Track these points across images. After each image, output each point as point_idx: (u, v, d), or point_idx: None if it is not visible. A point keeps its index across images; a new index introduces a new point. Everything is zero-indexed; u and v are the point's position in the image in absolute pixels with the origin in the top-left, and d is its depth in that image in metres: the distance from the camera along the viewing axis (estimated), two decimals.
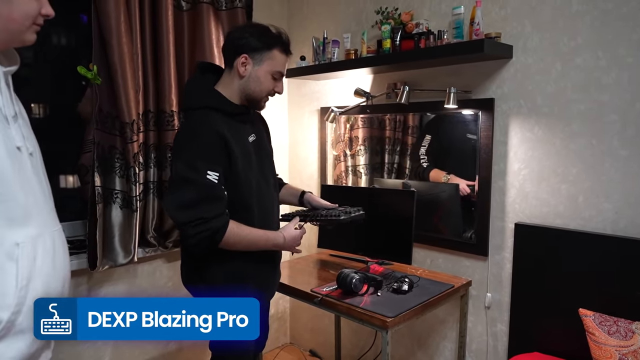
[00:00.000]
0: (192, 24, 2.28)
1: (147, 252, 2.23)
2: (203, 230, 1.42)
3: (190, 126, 1.51)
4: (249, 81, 1.54)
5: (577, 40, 1.77)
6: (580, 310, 1.69)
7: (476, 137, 2.08)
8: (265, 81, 1.55)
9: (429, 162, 2.35)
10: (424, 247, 2.30)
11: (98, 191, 1.98)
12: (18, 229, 1.01)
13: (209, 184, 1.43)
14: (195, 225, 1.41)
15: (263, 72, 1.54)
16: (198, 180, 1.42)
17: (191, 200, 1.42)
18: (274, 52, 1.54)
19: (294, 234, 1.64)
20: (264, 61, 1.54)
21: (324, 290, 1.93)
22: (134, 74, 2.02)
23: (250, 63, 1.53)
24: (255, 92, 1.56)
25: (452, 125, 2.22)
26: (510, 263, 2.00)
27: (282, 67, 1.58)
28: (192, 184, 1.42)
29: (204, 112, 1.51)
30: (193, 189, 1.42)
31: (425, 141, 2.36)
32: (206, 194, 1.43)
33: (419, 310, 1.79)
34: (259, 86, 1.55)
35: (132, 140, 2.02)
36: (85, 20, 2.31)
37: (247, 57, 1.52)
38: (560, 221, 1.86)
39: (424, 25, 2.11)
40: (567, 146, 1.82)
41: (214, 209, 1.44)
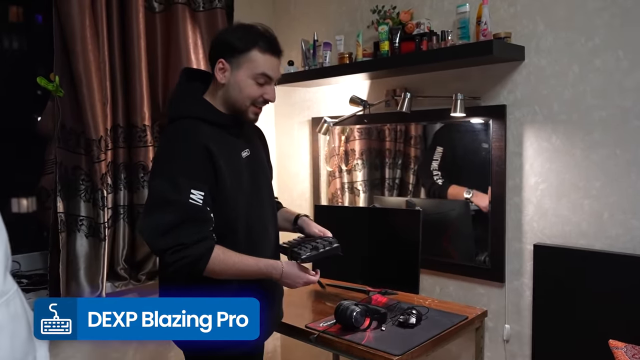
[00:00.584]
0: (166, 27, 2.32)
1: (117, 287, 2.22)
2: (183, 257, 1.41)
3: (173, 138, 1.52)
4: (229, 88, 1.53)
5: (595, 40, 1.82)
6: (610, 342, 1.71)
7: (488, 146, 2.12)
8: (247, 87, 1.52)
9: (443, 178, 2.37)
10: (432, 274, 2.31)
11: (61, 218, 1.98)
12: None
13: (192, 206, 1.42)
14: (174, 252, 1.40)
15: (242, 76, 1.51)
16: (179, 200, 1.41)
17: (170, 224, 1.41)
18: (253, 53, 1.50)
19: (295, 274, 1.61)
20: (242, 64, 1.51)
21: (320, 325, 1.93)
22: (101, 85, 2.04)
23: (228, 69, 1.51)
24: (237, 101, 1.53)
25: (466, 135, 2.25)
26: (530, 290, 2.02)
27: (268, 69, 1.52)
28: (171, 205, 1.42)
29: (190, 122, 1.51)
30: (172, 211, 1.41)
31: (437, 154, 2.39)
32: (188, 217, 1.42)
33: (429, 346, 1.79)
34: (240, 94, 1.52)
35: (100, 159, 2.03)
36: (40, 21, 2.32)
37: (223, 61, 1.51)
38: (584, 241, 1.89)
39: (425, 25, 2.16)
40: (588, 157, 1.86)
41: (195, 234, 1.43)
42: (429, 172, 2.42)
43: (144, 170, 2.21)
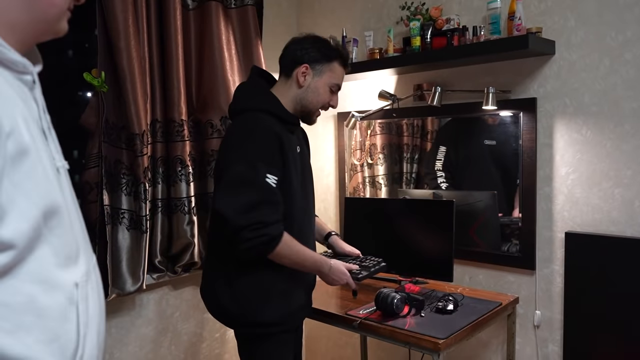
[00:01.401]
0: (199, 23, 2.36)
1: (155, 279, 2.26)
2: (262, 234, 1.51)
3: (246, 126, 1.64)
4: (307, 91, 1.72)
5: (626, 34, 1.89)
6: None
7: (495, 142, 2.26)
8: (324, 93, 1.73)
9: (447, 181, 2.46)
10: (461, 263, 2.38)
11: (107, 211, 2.02)
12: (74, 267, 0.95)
13: (268, 187, 1.54)
14: (254, 229, 1.50)
15: (322, 83, 1.72)
16: (258, 181, 1.53)
17: (251, 203, 1.51)
18: (334, 64, 1.73)
19: (341, 270, 1.77)
20: (324, 72, 1.72)
21: (360, 312, 1.98)
22: (143, 80, 2.08)
23: (310, 73, 1.71)
24: (312, 103, 1.74)
25: (470, 131, 2.35)
26: (561, 276, 2.09)
27: (341, 81, 1.78)
28: (251, 186, 1.53)
29: (260, 114, 1.65)
30: (253, 191, 1.53)
31: (440, 153, 2.47)
32: (265, 198, 1.54)
33: (470, 330, 1.86)
34: (316, 97, 1.73)
35: (142, 153, 2.07)
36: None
37: (307, 67, 1.70)
38: (615, 228, 1.96)
39: (455, 21, 2.22)
40: (619, 147, 1.93)
41: (273, 214, 1.54)
42: (433, 172, 2.50)
43: (181, 164, 2.25)
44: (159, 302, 2.39)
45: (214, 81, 2.35)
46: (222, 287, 1.71)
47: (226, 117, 2.35)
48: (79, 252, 0.96)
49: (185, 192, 2.28)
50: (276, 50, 1.81)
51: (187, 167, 2.26)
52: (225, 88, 2.36)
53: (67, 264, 0.93)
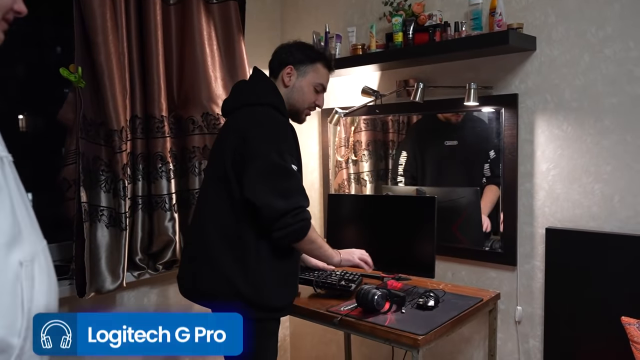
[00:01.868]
0: (181, 18, 2.33)
1: (136, 277, 2.24)
2: (302, 219, 1.64)
3: (266, 119, 1.73)
4: (293, 91, 1.83)
5: (607, 30, 1.89)
6: (622, 318, 1.79)
7: (456, 142, 2.34)
8: (308, 92, 1.84)
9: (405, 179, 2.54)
10: (444, 259, 2.37)
11: (84, 208, 2.00)
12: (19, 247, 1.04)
13: (297, 176, 1.68)
14: (295, 214, 1.62)
15: (307, 83, 1.83)
16: (289, 170, 1.65)
17: (289, 189, 1.63)
18: (317, 65, 1.84)
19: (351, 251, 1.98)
20: (308, 73, 1.83)
21: (341, 309, 1.97)
22: (121, 76, 2.05)
23: (294, 74, 1.82)
24: (298, 102, 1.84)
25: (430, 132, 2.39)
26: (541, 272, 2.09)
27: (325, 81, 1.88)
28: (285, 174, 1.64)
29: (269, 109, 1.75)
30: (288, 178, 1.64)
31: (402, 158, 2.52)
32: (299, 185, 1.68)
33: (449, 326, 1.85)
34: (301, 96, 1.83)
35: (121, 149, 2.05)
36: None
37: (292, 68, 1.82)
38: (595, 224, 1.96)
39: (437, 16, 2.21)
40: (599, 143, 1.94)
41: (305, 200, 1.68)
42: (395, 174, 2.57)
43: (162, 160, 2.23)
44: (140, 300, 2.37)
45: (195, 77, 2.33)
46: (237, 271, 1.71)
47: (207, 114, 2.34)
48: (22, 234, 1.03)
49: (166, 189, 2.26)
50: (260, 46, 1.88)
51: (168, 163, 2.24)
52: (207, 84, 2.34)
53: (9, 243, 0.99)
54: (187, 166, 2.35)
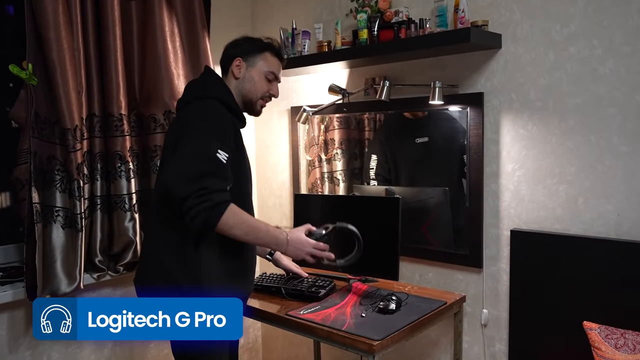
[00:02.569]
0: (142, 14, 2.28)
1: (95, 278, 2.19)
2: (205, 200, 1.50)
3: (205, 108, 1.67)
4: (244, 82, 1.79)
5: (571, 28, 1.85)
6: (584, 323, 1.75)
7: (427, 139, 2.28)
8: (259, 81, 1.80)
9: (378, 181, 2.48)
10: (412, 261, 2.34)
11: (36, 209, 1.94)
12: None
13: (219, 161, 1.56)
14: (197, 196, 1.50)
15: (257, 72, 1.80)
16: (208, 154, 1.55)
17: (198, 173, 1.53)
18: (265, 54, 1.81)
19: (301, 239, 1.75)
20: (257, 62, 1.80)
21: (301, 313, 1.93)
22: (76, 73, 2.00)
23: (243, 66, 1.79)
24: (250, 92, 1.80)
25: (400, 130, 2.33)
26: (507, 275, 2.05)
27: (276, 69, 1.83)
28: (200, 158, 1.55)
29: (216, 102, 1.70)
30: (201, 163, 1.55)
31: (373, 162, 2.47)
32: (213, 170, 1.55)
33: (409, 331, 1.82)
34: (253, 86, 1.79)
35: (75, 148, 1.99)
36: (11, 12, 2.28)
37: (240, 59, 1.79)
38: (559, 226, 1.93)
39: (404, 13, 2.16)
40: (563, 143, 1.89)
41: (218, 183, 1.55)
42: (368, 178, 2.52)
43: (120, 159, 2.18)
44: None
45: (158, 74, 2.27)
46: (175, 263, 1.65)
47: (170, 112, 2.28)
48: None
49: (126, 189, 2.20)
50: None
51: (128, 162, 2.19)
52: (169, 81, 2.29)
53: None
54: (149, 165, 2.30)
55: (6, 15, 2.30)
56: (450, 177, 2.26)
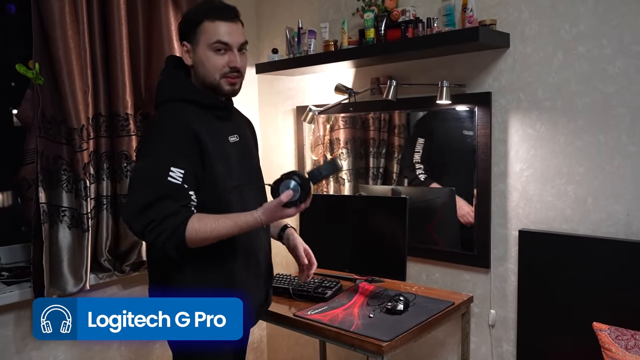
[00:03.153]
0: (148, 12, 2.27)
1: (101, 278, 2.19)
2: (159, 232, 1.39)
3: (158, 120, 1.55)
4: (197, 66, 1.56)
5: (580, 27, 1.84)
6: (594, 324, 1.75)
7: (473, 133, 2.13)
8: (209, 58, 1.53)
9: (426, 173, 2.38)
10: (419, 261, 2.33)
11: (43, 209, 1.94)
12: None
13: (169, 184, 1.42)
14: (150, 230, 1.40)
15: (202, 50, 1.53)
16: (157, 178, 1.42)
17: (145, 203, 1.41)
18: (203, 25, 1.53)
19: (268, 206, 1.48)
20: (199, 40, 1.53)
21: (309, 313, 1.93)
22: (82, 72, 1.99)
23: (189, 48, 1.56)
24: (206, 76, 1.55)
25: (447, 123, 2.27)
26: (515, 275, 2.04)
27: (221, 36, 1.52)
28: (148, 184, 1.44)
29: (176, 104, 1.54)
30: (149, 189, 1.42)
31: (419, 145, 2.40)
32: (163, 194, 1.41)
33: (417, 331, 1.81)
34: (205, 67, 1.54)
35: (82, 148, 1.99)
36: (13, 11, 2.28)
37: (185, 43, 1.56)
38: (568, 226, 1.92)
39: (411, 12, 2.15)
40: (572, 143, 1.89)
41: (165, 208, 1.40)
42: (412, 164, 2.43)
43: (127, 159, 2.17)
44: None
45: None
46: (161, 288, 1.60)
47: None
48: None
49: None
50: None
51: (134, 162, 2.18)
52: None
53: None
54: None
55: (7, 14, 2.30)
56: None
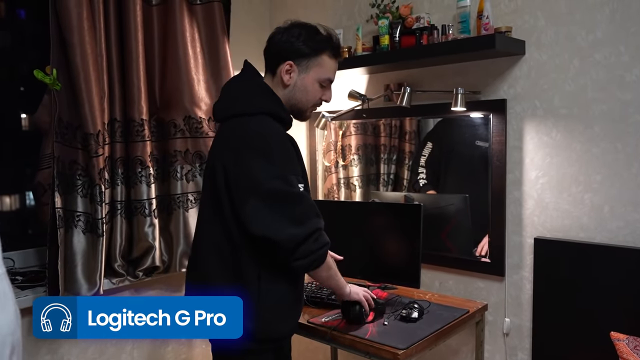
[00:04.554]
0: (163, 20, 2.28)
1: (115, 283, 2.18)
2: (324, 243, 1.48)
3: (261, 134, 1.49)
4: (295, 90, 1.57)
5: (597, 34, 1.83)
6: (612, 334, 1.72)
7: (487, 144, 2.12)
8: (313, 90, 1.58)
9: (427, 179, 2.39)
10: (432, 268, 2.32)
11: (59, 213, 1.94)
12: None
13: (307, 197, 1.49)
14: (316, 239, 1.45)
15: (310, 80, 1.56)
16: (298, 193, 1.46)
17: (302, 214, 1.45)
18: (322, 58, 1.56)
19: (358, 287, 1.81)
20: (311, 68, 1.56)
21: (322, 320, 1.92)
22: (99, 78, 2.00)
23: (295, 70, 1.55)
24: (301, 102, 1.59)
25: (461, 130, 2.26)
26: (530, 283, 2.03)
27: (332, 74, 1.61)
28: (295, 198, 1.46)
29: (266, 118, 1.52)
30: (299, 203, 1.46)
31: (426, 150, 2.39)
32: (309, 207, 1.48)
33: (433, 339, 1.80)
34: (305, 96, 1.58)
35: (98, 153, 1.99)
36: (22, 16, 2.29)
37: (292, 64, 1.54)
38: (585, 234, 1.90)
39: (425, 19, 2.15)
40: (589, 150, 1.87)
41: (322, 221, 1.50)
42: (416, 167, 2.43)
43: (141, 165, 2.17)
44: None
45: (178, 80, 2.27)
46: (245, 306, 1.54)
47: (190, 117, 2.29)
48: None
49: (146, 194, 2.20)
50: (248, 47, 1.67)
51: (148, 168, 2.19)
52: (190, 87, 2.29)
53: None
54: (169, 171, 2.30)
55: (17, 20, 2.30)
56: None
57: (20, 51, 2.30)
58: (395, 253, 2.18)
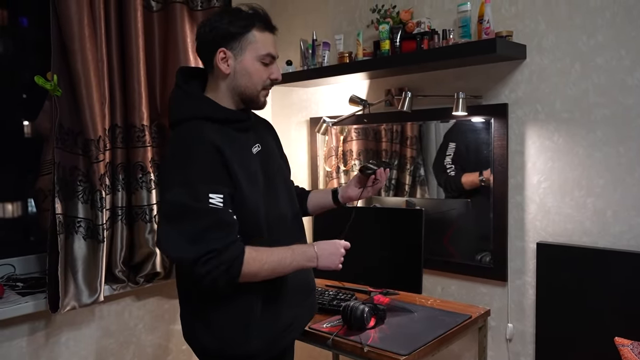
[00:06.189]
0: (164, 26, 2.29)
1: (115, 290, 2.17)
2: (218, 264, 1.33)
3: (181, 142, 1.44)
4: (237, 77, 1.47)
5: (598, 39, 1.82)
6: (616, 339, 1.71)
7: (489, 145, 2.10)
8: (255, 71, 1.47)
9: (456, 169, 2.34)
10: (434, 273, 2.30)
11: (59, 219, 1.93)
12: None
13: (214, 210, 1.35)
14: (207, 261, 1.32)
15: (249, 61, 1.46)
16: (200, 207, 1.34)
17: (195, 233, 1.33)
18: (253, 34, 1.46)
19: (328, 243, 1.57)
20: (245, 48, 1.45)
21: (324, 326, 1.91)
22: (100, 84, 2.00)
23: (230, 56, 1.45)
24: (248, 88, 1.49)
25: (466, 134, 2.25)
26: (533, 288, 2.01)
27: (270, 48, 1.49)
28: (193, 213, 1.35)
29: (196, 123, 1.44)
30: (195, 219, 1.34)
31: (450, 149, 2.36)
32: (212, 222, 1.35)
33: (435, 345, 1.78)
34: (250, 80, 1.48)
35: (98, 159, 1.99)
36: (25, 24, 2.30)
37: (224, 50, 1.45)
38: (588, 239, 1.89)
39: (426, 24, 2.15)
40: (591, 155, 1.86)
41: (225, 238, 1.35)
42: (443, 166, 2.39)
43: (142, 170, 2.17)
44: (120, 314, 2.31)
45: None
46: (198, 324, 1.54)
47: None
48: None
49: (147, 200, 2.20)
50: None
51: (149, 173, 2.18)
52: None
53: None
54: None
55: (20, 27, 2.31)
56: None
57: (22, 58, 2.31)
58: (397, 258, 2.17)
